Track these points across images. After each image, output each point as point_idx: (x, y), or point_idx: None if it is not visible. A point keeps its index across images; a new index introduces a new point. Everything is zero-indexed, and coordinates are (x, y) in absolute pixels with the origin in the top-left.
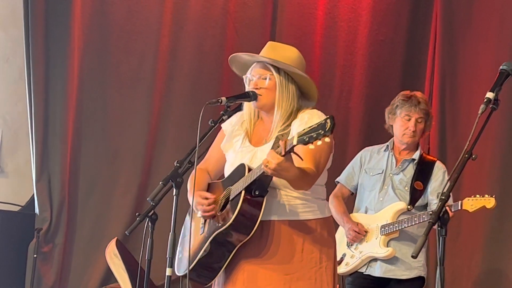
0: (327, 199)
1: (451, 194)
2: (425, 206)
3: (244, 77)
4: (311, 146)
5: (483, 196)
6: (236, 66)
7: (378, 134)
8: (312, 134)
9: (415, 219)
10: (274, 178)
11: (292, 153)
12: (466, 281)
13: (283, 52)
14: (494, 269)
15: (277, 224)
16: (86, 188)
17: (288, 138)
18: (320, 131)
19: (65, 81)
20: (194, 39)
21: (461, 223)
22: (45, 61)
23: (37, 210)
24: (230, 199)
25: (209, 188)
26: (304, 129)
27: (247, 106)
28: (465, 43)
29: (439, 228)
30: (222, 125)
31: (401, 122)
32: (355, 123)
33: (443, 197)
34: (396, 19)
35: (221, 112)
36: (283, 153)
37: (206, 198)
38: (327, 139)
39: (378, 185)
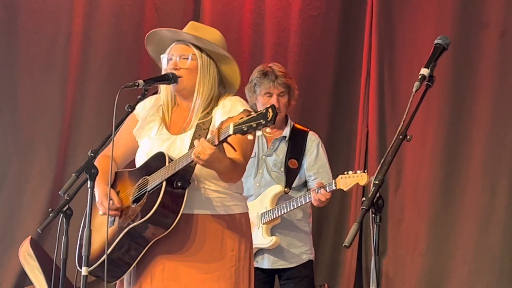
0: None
1: (330, 174)
2: (304, 184)
3: (161, 56)
4: (249, 136)
5: (355, 172)
6: (153, 46)
7: (312, 115)
8: (252, 123)
9: (293, 203)
10: (195, 169)
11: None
12: (410, 271)
13: (205, 34)
14: (439, 258)
15: (197, 218)
16: None
17: (223, 126)
18: (261, 120)
19: None
20: (110, 18)
21: (404, 210)
22: None
23: None
24: (148, 190)
25: (116, 177)
26: (242, 118)
27: (165, 90)
28: (404, 16)
29: (373, 215)
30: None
31: (263, 100)
32: None
33: (376, 182)
34: None
35: (138, 97)
36: (216, 143)
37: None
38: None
39: (253, 170)
